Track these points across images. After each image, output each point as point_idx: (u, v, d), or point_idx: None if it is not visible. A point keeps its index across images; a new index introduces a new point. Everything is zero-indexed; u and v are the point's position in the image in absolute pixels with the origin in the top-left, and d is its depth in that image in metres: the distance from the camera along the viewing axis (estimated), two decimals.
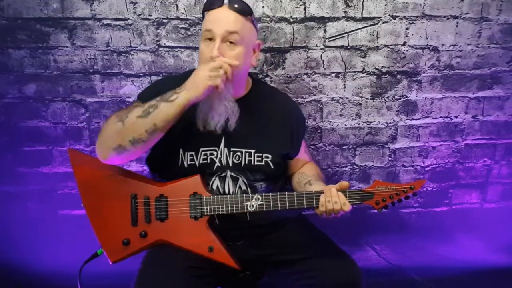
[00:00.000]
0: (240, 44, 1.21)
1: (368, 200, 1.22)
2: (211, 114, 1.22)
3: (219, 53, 1.16)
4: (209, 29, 1.19)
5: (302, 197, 1.21)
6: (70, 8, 1.79)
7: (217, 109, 1.21)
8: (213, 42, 1.18)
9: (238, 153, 1.30)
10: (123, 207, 1.20)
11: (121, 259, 1.18)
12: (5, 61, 1.83)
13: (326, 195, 1.18)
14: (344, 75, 1.97)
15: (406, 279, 1.98)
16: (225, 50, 1.18)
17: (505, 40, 2.00)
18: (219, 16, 1.20)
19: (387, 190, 1.22)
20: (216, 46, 1.16)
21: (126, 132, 1.13)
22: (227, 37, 1.18)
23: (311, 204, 1.21)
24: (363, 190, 1.22)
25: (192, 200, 1.22)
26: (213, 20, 1.20)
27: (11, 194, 1.98)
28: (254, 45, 1.30)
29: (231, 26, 1.18)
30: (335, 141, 2.06)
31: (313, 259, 1.30)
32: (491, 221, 2.22)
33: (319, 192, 1.21)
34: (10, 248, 1.96)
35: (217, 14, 1.20)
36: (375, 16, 1.90)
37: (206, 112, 1.23)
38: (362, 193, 1.22)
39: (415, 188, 1.23)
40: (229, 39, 1.19)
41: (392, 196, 1.23)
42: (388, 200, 1.23)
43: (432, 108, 2.07)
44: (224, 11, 1.20)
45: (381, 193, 1.22)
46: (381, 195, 1.22)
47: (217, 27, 1.18)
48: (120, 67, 1.87)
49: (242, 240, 1.35)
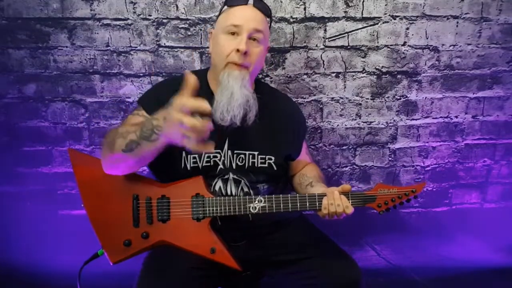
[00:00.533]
0: (262, 44, 1.24)
1: (370, 203, 1.24)
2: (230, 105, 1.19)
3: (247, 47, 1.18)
4: (237, 24, 1.20)
5: (305, 200, 1.22)
6: (70, 8, 1.78)
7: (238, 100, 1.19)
8: (237, 36, 1.20)
9: (242, 155, 1.30)
10: (125, 208, 1.19)
11: (121, 260, 1.18)
12: (5, 61, 1.83)
13: (328, 198, 1.19)
14: (344, 75, 1.97)
15: (406, 279, 1.98)
16: (250, 46, 1.20)
17: (505, 40, 2.00)
18: (247, 12, 1.22)
19: (389, 193, 1.24)
20: (244, 40, 1.18)
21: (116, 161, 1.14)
22: (253, 34, 1.21)
23: (314, 207, 1.22)
24: (366, 193, 1.24)
25: (194, 201, 1.22)
26: (240, 16, 1.21)
27: (11, 194, 1.98)
28: (268, 45, 1.34)
29: (259, 24, 1.21)
30: (335, 141, 2.06)
31: (314, 259, 1.30)
32: (491, 221, 2.22)
33: (321, 194, 1.22)
34: (10, 248, 1.96)
35: (244, 11, 1.22)
36: (375, 16, 1.90)
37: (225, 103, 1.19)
38: (365, 196, 1.23)
39: (416, 191, 1.25)
40: (254, 37, 1.21)
41: (394, 199, 1.25)
42: (390, 203, 1.25)
43: (432, 108, 2.07)
44: (250, 8, 1.23)
45: (383, 196, 1.24)
46: (383, 198, 1.24)
47: (245, 24, 1.19)
48: (120, 67, 1.87)
49: (243, 240, 1.35)
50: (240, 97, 1.19)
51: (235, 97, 1.18)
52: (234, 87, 1.18)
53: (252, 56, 1.21)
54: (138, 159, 1.11)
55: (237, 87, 1.18)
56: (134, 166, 1.16)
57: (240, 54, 1.18)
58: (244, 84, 1.20)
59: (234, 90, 1.18)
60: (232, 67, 1.20)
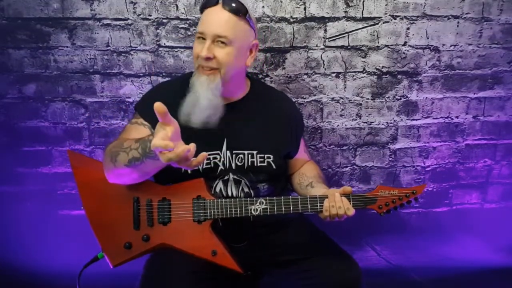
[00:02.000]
0: (231, 45, 1.22)
1: (371, 205, 1.25)
2: (195, 108, 1.21)
3: (209, 52, 1.19)
4: (200, 31, 1.22)
5: (306, 202, 1.23)
6: (70, 8, 1.78)
7: (201, 102, 1.21)
8: (204, 41, 1.22)
9: (241, 155, 1.30)
10: (125, 210, 1.19)
11: (122, 263, 1.17)
12: (5, 61, 1.83)
13: (330, 200, 1.20)
14: (345, 75, 1.97)
15: (406, 279, 1.98)
16: (215, 49, 1.21)
17: (506, 40, 2.00)
18: (212, 17, 1.22)
19: (389, 194, 1.25)
20: (206, 45, 1.20)
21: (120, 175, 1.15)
22: (217, 39, 1.21)
23: (315, 209, 1.22)
24: (367, 195, 1.25)
25: (195, 203, 1.21)
26: (205, 21, 1.23)
27: (10, 194, 1.97)
28: (251, 45, 1.30)
29: (221, 29, 1.20)
30: (336, 142, 2.06)
31: (314, 259, 1.31)
32: (491, 221, 2.22)
33: (323, 196, 1.22)
34: (10, 248, 1.96)
35: (210, 15, 1.22)
36: (375, 16, 1.90)
37: (190, 105, 1.22)
38: (366, 198, 1.24)
39: (417, 193, 1.26)
40: (219, 40, 1.21)
41: (394, 201, 1.26)
42: (391, 205, 1.26)
43: (433, 108, 2.07)
44: (217, 10, 1.22)
45: (384, 197, 1.25)
46: (384, 199, 1.25)
47: (207, 29, 1.20)
48: (120, 67, 1.87)
49: (245, 241, 1.35)
50: (204, 100, 1.21)
51: (199, 101, 1.21)
52: (199, 91, 1.22)
53: (219, 59, 1.21)
54: (141, 174, 1.13)
55: (202, 91, 1.21)
56: (138, 179, 1.17)
57: (202, 59, 1.21)
58: (211, 88, 1.22)
59: (199, 94, 1.21)
60: (201, 71, 1.24)
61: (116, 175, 1.16)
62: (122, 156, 1.10)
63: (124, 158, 1.09)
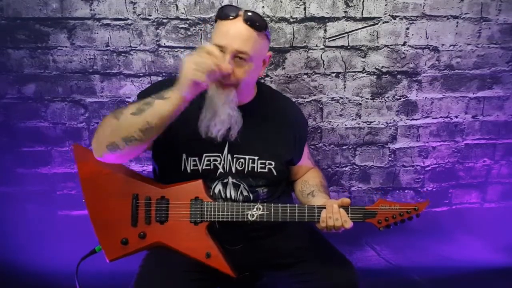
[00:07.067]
0: (251, 62, 1.18)
1: (370, 219, 1.22)
2: (213, 121, 1.20)
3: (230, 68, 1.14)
4: (220, 45, 1.14)
5: (304, 211, 1.21)
6: (69, 8, 1.78)
7: (220, 116, 1.19)
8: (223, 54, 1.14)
9: (242, 160, 1.29)
10: (124, 206, 1.19)
11: (118, 257, 1.18)
12: (4, 61, 1.83)
13: (327, 211, 1.18)
14: (344, 75, 1.97)
15: (406, 279, 1.98)
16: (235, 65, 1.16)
17: (505, 40, 2.00)
18: (232, 31, 1.15)
19: (390, 209, 1.22)
20: (226, 60, 1.13)
21: (119, 130, 1.11)
22: (238, 54, 1.15)
23: (312, 218, 1.21)
24: (366, 208, 1.22)
25: (193, 204, 1.21)
26: (225, 35, 1.15)
27: (10, 194, 1.97)
28: (265, 57, 1.28)
29: (242, 45, 1.14)
30: (335, 141, 2.06)
31: (311, 262, 1.30)
32: (491, 221, 2.22)
33: (321, 207, 1.20)
34: (10, 248, 1.96)
35: (230, 28, 1.15)
36: (375, 16, 1.90)
37: (209, 119, 1.21)
38: (365, 211, 1.22)
39: (419, 210, 1.23)
40: (239, 56, 1.16)
41: (395, 216, 1.22)
42: (391, 220, 1.22)
43: (432, 108, 2.07)
44: (238, 24, 1.15)
45: (384, 212, 1.22)
46: (384, 214, 1.22)
47: (228, 44, 1.14)
48: (119, 67, 1.87)
49: (241, 243, 1.35)
50: (223, 114, 1.19)
51: (218, 114, 1.19)
52: (218, 105, 1.19)
53: (238, 74, 1.17)
54: (144, 127, 1.08)
55: (220, 105, 1.19)
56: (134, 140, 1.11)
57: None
58: (229, 102, 1.19)
59: (218, 108, 1.19)
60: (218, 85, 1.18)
61: (113, 131, 1.11)
62: (129, 108, 1.11)
63: (132, 108, 1.11)
